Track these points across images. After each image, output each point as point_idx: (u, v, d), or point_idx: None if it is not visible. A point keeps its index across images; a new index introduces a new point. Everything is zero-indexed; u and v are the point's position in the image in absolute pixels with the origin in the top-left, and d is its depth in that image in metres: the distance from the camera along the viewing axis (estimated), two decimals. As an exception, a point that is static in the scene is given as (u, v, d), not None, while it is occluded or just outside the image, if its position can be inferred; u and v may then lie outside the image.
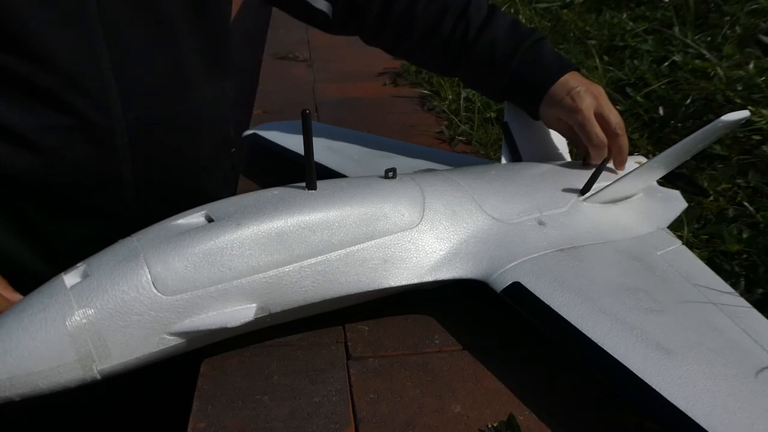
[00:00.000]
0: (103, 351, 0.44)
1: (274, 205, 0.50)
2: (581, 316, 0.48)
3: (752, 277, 0.63)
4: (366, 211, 0.52)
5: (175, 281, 0.45)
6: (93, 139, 0.61)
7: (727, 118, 0.60)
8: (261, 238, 0.48)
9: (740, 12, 1.21)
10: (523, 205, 0.60)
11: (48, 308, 0.43)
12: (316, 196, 0.52)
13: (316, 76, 1.30)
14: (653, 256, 0.58)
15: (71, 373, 0.43)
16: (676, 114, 0.96)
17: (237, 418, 0.45)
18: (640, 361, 0.44)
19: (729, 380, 0.43)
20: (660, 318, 0.49)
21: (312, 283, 0.50)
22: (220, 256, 0.47)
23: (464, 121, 1.01)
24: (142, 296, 0.44)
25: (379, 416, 0.46)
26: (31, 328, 0.42)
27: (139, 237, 0.48)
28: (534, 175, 0.67)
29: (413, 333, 0.54)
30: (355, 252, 0.51)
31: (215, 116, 0.73)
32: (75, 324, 0.43)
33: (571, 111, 0.66)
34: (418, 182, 0.58)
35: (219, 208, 0.50)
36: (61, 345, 0.43)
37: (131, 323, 0.44)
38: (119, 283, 0.44)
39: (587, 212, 0.62)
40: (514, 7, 1.68)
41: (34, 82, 0.57)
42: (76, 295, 0.44)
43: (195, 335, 0.47)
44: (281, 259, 0.49)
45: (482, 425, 0.45)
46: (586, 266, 0.54)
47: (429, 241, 0.54)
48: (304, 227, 0.50)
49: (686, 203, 0.69)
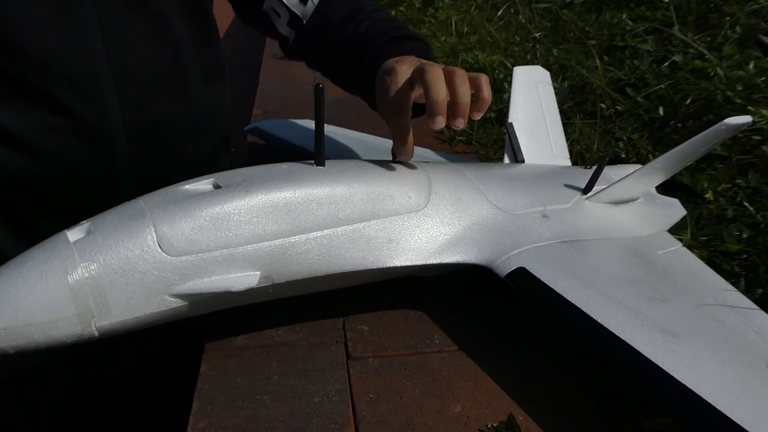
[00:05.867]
0: (104, 307, 0.43)
1: (282, 176, 0.50)
2: (586, 300, 0.48)
3: (752, 277, 0.63)
4: (373, 190, 0.52)
5: (181, 242, 0.45)
6: (90, 139, 0.61)
7: (731, 122, 0.60)
8: (268, 207, 0.48)
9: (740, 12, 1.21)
10: (528, 198, 0.60)
11: (49, 261, 0.42)
12: (324, 172, 0.52)
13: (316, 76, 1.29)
14: (654, 254, 0.58)
15: (69, 328, 0.42)
16: (676, 114, 0.96)
17: (237, 418, 0.45)
18: (647, 343, 0.44)
19: (735, 365, 0.43)
20: (664, 306, 0.49)
21: (317, 256, 0.49)
22: (227, 222, 0.46)
23: (464, 121, 1.01)
24: (146, 254, 0.44)
25: (379, 416, 0.46)
26: (31, 279, 0.42)
27: (145, 199, 0.47)
28: (537, 174, 0.67)
29: (413, 333, 0.54)
30: (360, 229, 0.51)
31: (213, 116, 0.73)
32: (76, 278, 0.42)
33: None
34: (425, 169, 0.58)
35: (227, 177, 0.50)
36: (61, 298, 0.42)
37: (133, 281, 0.44)
38: (124, 240, 0.44)
39: (590, 210, 0.63)
40: (514, 7, 1.68)
41: (31, 82, 0.57)
42: (80, 250, 0.43)
43: (197, 299, 0.46)
44: (287, 230, 0.48)
45: (482, 425, 0.45)
46: (590, 257, 0.55)
47: (434, 225, 0.54)
48: (311, 200, 0.50)
49: (685, 211, 0.69)
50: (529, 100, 0.82)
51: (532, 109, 0.81)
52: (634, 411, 0.46)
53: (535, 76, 0.86)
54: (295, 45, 0.76)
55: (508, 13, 1.66)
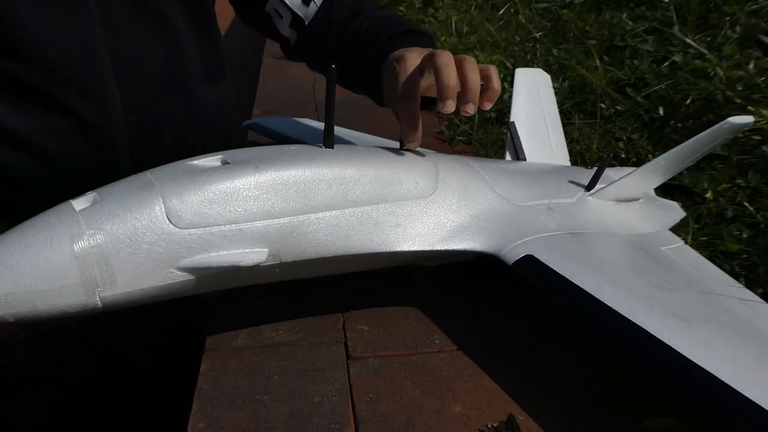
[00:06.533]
0: (109, 277, 0.42)
1: (292, 155, 0.50)
2: (597, 285, 0.48)
3: (752, 277, 0.63)
4: (382, 174, 0.53)
5: (190, 215, 0.44)
6: (93, 141, 0.61)
7: (734, 120, 0.60)
8: (278, 185, 0.48)
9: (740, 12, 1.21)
10: (533, 191, 0.61)
11: (54, 228, 0.42)
12: (334, 154, 0.52)
13: (316, 76, 1.30)
14: (658, 250, 0.59)
15: (73, 297, 0.42)
16: (676, 114, 0.96)
17: (237, 418, 0.45)
18: (660, 326, 0.43)
19: (747, 348, 0.43)
20: (673, 294, 0.49)
21: (325, 236, 0.49)
22: (236, 197, 0.46)
23: (464, 121, 1.01)
24: (154, 225, 0.43)
25: (379, 416, 0.46)
26: (35, 245, 0.41)
27: (153, 172, 0.47)
28: (541, 170, 0.68)
29: (413, 333, 0.54)
30: (369, 211, 0.51)
31: (215, 116, 0.73)
32: (82, 246, 0.41)
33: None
34: (432, 158, 0.58)
35: (236, 154, 0.50)
36: (66, 266, 0.41)
37: (140, 252, 0.43)
38: (132, 209, 0.43)
39: (593, 206, 0.63)
40: (514, 7, 1.68)
41: (34, 84, 0.57)
42: (86, 218, 0.42)
43: (204, 273, 0.46)
44: (296, 208, 0.48)
45: (482, 425, 0.45)
46: (596, 248, 0.55)
47: (441, 212, 0.54)
48: (321, 180, 0.49)
49: (684, 213, 0.69)
50: (531, 101, 0.82)
51: (533, 111, 0.81)
52: (634, 411, 0.46)
53: (536, 78, 0.87)
54: (296, 46, 0.76)
55: (508, 13, 1.66)
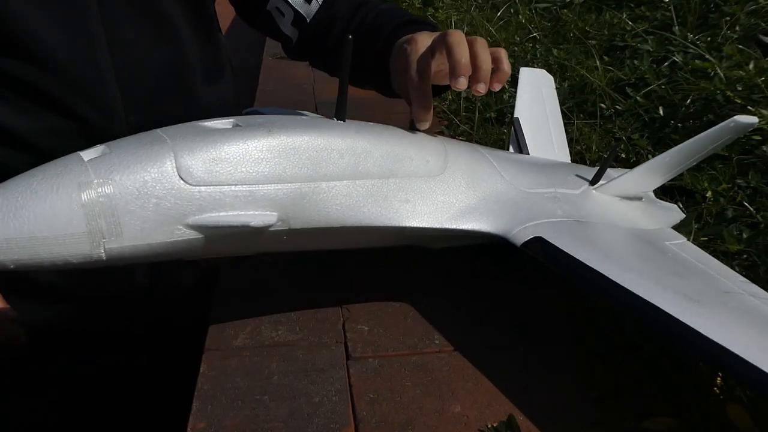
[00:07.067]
0: (115, 229, 0.41)
1: (305, 123, 0.50)
2: (607, 267, 0.48)
3: (752, 277, 0.63)
4: (393, 149, 0.52)
5: (201, 172, 0.44)
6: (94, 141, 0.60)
7: (740, 119, 0.60)
8: (290, 150, 0.47)
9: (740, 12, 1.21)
10: (540, 179, 0.61)
11: (62, 175, 0.41)
12: (346, 126, 0.52)
13: (316, 76, 1.30)
14: (662, 244, 0.59)
15: (77, 247, 0.41)
16: (676, 114, 0.96)
17: (237, 418, 0.45)
18: (672, 305, 0.44)
19: (759, 330, 0.43)
20: (681, 279, 0.49)
21: (335, 205, 0.49)
22: (248, 158, 0.46)
23: (464, 121, 1.01)
24: (164, 180, 0.43)
25: (378, 416, 0.46)
26: (41, 191, 0.40)
27: (165, 129, 0.46)
28: (547, 163, 0.69)
29: (413, 333, 0.54)
30: (379, 185, 0.51)
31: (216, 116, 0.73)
32: (90, 195, 0.40)
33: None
34: (442, 140, 0.58)
35: (248, 119, 0.49)
36: (72, 214, 0.40)
37: (149, 206, 0.42)
38: (143, 162, 0.42)
39: (597, 199, 0.63)
40: (514, 7, 1.68)
41: (35, 84, 0.57)
42: (94, 168, 0.41)
43: (212, 233, 0.45)
44: (308, 174, 0.48)
45: (482, 425, 0.45)
46: (604, 235, 0.55)
47: (451, 192, 0.55)
48: (332, 149, 0.49)
49: (684, 214, 0.70)
50: (534, 99, 0.83)
51: (536, 109, 0.81)
52: (634, 411, 0.46)
53: (540, 79, 0.88)
54: (298, 45, 0.76)
55: (508, 13, 1.66)
